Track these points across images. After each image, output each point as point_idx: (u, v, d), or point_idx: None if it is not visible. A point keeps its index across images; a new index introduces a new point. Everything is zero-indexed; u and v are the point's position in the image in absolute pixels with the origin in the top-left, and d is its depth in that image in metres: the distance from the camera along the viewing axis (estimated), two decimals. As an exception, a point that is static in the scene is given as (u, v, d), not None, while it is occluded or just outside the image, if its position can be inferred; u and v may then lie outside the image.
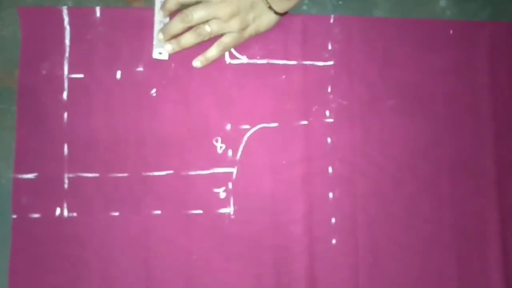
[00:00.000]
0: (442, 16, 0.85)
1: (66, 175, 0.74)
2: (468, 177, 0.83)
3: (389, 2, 0.84)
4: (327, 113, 0.80)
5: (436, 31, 0.84)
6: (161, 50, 0.74)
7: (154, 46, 0.75)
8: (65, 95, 0.75)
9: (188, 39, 0.73)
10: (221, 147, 0.78)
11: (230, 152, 0.78)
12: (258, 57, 0.79)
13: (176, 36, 0.74)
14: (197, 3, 0.72)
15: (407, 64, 0.83)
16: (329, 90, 0.81)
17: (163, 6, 0.74)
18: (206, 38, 0.73)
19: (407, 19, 0.84)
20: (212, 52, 0.75)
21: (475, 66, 0.85)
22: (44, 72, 0.75)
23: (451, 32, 0.84)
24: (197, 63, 0.76)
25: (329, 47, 0.81)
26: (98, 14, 0.76)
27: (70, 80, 0.75)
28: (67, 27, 0.75)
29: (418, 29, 0.83)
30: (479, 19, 0.86)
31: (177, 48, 0.74)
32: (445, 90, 0.84)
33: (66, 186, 0.74)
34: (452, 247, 0.82)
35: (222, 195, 0.77)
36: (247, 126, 0.78)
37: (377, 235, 0.80)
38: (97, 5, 0.76)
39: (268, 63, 0.80)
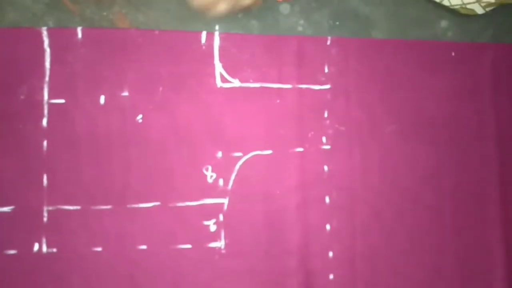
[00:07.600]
0: (443, 38, 0.82)
1: (45, 208, 0.69)
2: (472, 205, 0.80)
3: (388, 23, 0.81)
4: (324, 139, 0.77)
5: (437, 53, 0.81)
6: None
7: None
8: (44, 121, 0.71)
9: None
10: (211, 176, 0.74)
11: (221, 182, 0.74)
12: (251, 81, 0.76)
13: None
14: None
15: (407, 87, 0.80)
16: (325, 115, 0.77)
17: None
18: None
19: (406, 41, 0.81)
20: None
21: (477, 89, 0.82)
22: (22, 97, 0.70)
23: (452, 54, 0.81)
24: None
25: (326, 70, 0.78)
26: (79, 35, 0.72)
27: (50, 105, 0.71)
28: (47, 49, 0.71)
29: (419, 51, 0.80)
30: (481, 41, 0.83)
31: None
32: (447, 114, 0.80)
33: (45, 219, 0.69)
34: (456, 279, 0.78)
35: (213, 227, 0.73)
36: (239, 154, 0.75)
37: (378, 268, 0.76)
38: (79, 25, 0.72)
39: (261, 87, 0.76)
